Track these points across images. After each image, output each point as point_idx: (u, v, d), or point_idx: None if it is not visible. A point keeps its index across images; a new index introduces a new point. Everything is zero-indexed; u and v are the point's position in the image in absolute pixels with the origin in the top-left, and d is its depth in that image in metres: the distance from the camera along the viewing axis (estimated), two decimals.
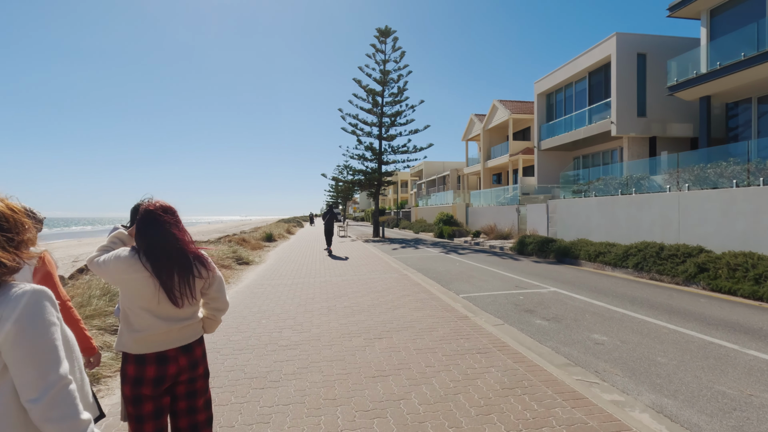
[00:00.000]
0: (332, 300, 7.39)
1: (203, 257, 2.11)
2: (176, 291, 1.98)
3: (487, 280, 9.84)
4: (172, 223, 2.03)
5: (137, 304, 1.97)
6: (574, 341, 5.16)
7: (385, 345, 4.82)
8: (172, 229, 2.03)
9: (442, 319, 5.93)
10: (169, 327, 2.00)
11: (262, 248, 18.78)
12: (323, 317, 6.19)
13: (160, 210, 2.04)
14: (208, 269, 2.10)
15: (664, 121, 18.44)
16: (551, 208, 17.82)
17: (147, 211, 2.03)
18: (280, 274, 10.79)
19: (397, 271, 10.96)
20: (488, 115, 32.39)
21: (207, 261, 2.13)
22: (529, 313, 6.57)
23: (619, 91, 18.17)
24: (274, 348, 4.82)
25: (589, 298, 7.64)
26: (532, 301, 7.42)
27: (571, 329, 5.67)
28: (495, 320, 6.10)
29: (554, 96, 24.10)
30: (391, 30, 27.00)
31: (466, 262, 13.21)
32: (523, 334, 5.46)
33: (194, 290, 2.04)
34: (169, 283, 1.97)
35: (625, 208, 13.43)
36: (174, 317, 2.03)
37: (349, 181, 31.03)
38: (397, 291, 8.11)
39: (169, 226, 2.02)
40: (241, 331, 5.55)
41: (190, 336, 2.11)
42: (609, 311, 6.61)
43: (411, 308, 6.65)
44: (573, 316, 6.36)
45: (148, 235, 2.00)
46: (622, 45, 18.26)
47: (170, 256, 1.98)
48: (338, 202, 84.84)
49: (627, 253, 10.81)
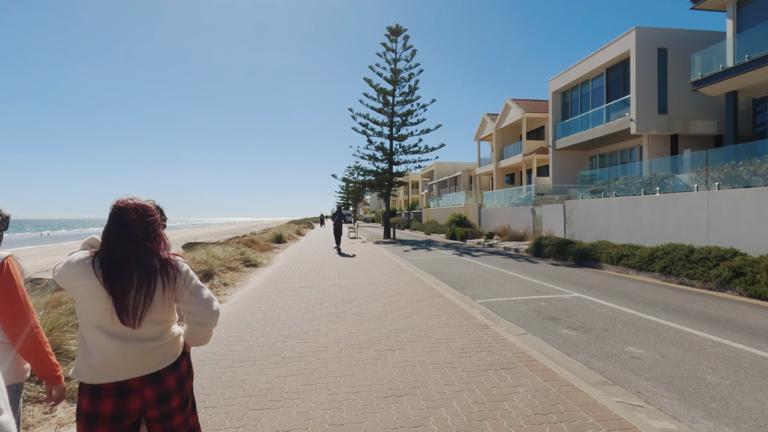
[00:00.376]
0: (341, 305, 6.97)
1: (172, 262, 1.76)
2: (129, 305, 1.63)
3: (504, 284, 9.33)
4: (144, 225, 1.72)
5: (87, 318, 1.65)
6: (607, 354, 4.66)
7: (399, 358, 4.37)
8: (141, 232, 1.71)
9: (460, 328, 5.46)
10: (124, 349, 1.64)
11: (271, 250, 18.46)
12: (331, 325, 5.77)
13: (132, 209, 1.72)
14: (176, 275, 1.74)
15: (687, 119, 17.70)
16: (568, 208, 17.21)
17: (117, 209, 1.72)
18: (288, 277, 10.41)
19: (410, 274, 10.50)
20: (501, 115, 31.77)
21: (176, 266, 1.77)
22: (553, 322, 6.07)
23: (639, 87, 17.50)
24: (277, 360, 4.41)
25: (617, 304, 7.11)
26: (556, 308, 6.91)
27: (602, 340, 5.16)
28: (517, 329, 5.61)
29: (569, 94, 23.44)
30: (401, 28, 26.59)
31: (481, 265, 12.70)
32: (550, 345, 4.97)
33: (154, 305, 1.69)
34: (122, 294, 1.63)
35: (648, 209, 12.80)
36: (133, 337, 1.67)
37: (360, 182, 30.66)
38: (409, 296, 7.66)
39: (139, 228, 1.70)
40: (243, 340, 5.15)
41: (158, 362, 1.73)
42: (641, 320, 6.08)
43: (425, 315, 6.20)
44: (602, 325, 5.84)
45: (110, 237, 1.69)
46: (641, 39, 17.59)
47: (128, 263, 1.66)
48: (349, 203, 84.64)
49: (653, 256, 10.21)
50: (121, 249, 1.66)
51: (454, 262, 13.54)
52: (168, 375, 1.75)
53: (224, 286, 9.17)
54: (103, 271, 1.62)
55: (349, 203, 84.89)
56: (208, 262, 10.11)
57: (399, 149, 28.18)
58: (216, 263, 10.41)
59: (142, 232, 1.70)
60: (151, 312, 1.68)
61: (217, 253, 11.56)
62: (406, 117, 27.37)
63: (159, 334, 1.73)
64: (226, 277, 9.89)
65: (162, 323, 1.74)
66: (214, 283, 9.16)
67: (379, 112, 27.65)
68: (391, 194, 30.45)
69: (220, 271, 10.29)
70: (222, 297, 8.05)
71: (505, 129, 32.48)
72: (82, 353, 1.65)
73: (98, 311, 1.63)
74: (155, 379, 1.71)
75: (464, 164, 47.79)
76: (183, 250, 14.05)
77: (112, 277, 1.62)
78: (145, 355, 1.69)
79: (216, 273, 9.91)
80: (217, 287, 8.98)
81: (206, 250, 11.72)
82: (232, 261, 11.72)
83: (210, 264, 10.09)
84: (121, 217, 1.68)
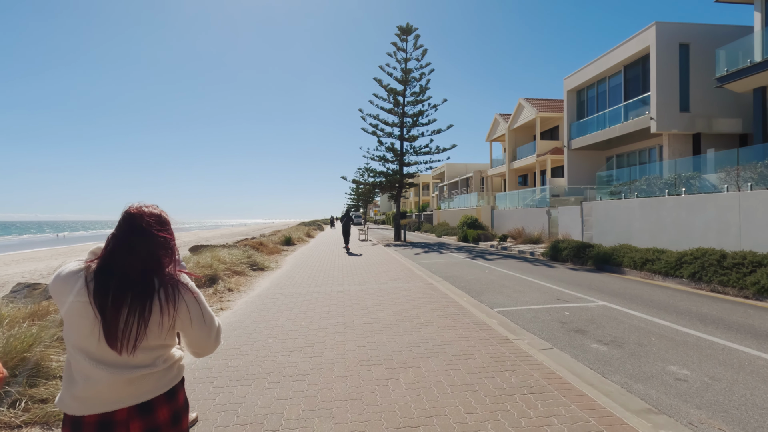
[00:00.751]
0: (350, 314, 6.54)
1: (179, 283, 1.52)
2: (118, 328, 1.40)
3: (522, 290, 8.82)
4: (154, 237, 1.49)
5: (72, 341, 1.43)
6: (647, 375, 4.16)
7: (412, 378, 3.92)
8: (151, 244, 1.48)
9: (479, 342, 4.99)
10: (113, 378, 1.42)
11: (279, 252, 18.13)
12: (338, 336, 5.34)
13: (146, 217, 1.50)
14: (178, 298, 1.49)
15: (710, 117, 16.98)
16: (586, 210, 16.59)
17: (128, 216, 1.50)
18: (296, 281, 10.02)
19: (422, 279, 10.04)
20: (513, 115, 31.14)
21: (180, 287, 1.51)
22: (580, 335, 5.57)
23: (660, 84, 16.83)
24: (278, 378, 3.98)
25: (647, 314, 6.56)
26: (581, 319, 6.39)
27: (638, 358, 4.65)
28: (541, 343, 5.13)
29: (585, 92, 22.79)
30: (412, 27, 26.17)
31: (495, 269, 12.18)
32: (580, 363, 4.47)
33: (150, 330, 1.45)
34: (111, 314, 1.40)
35: (672, 211, 12.17)
36: (121, 364, 1.44)
37: (370, 184, 30.29)
38: (422, 304, 7.20)
39: (149, 241, 1.48)
40: (243, 354, 4.75)
41: (150, 389, 1.49)
42: (678, 333, 5.54)
43: (440, 326, 5.73)
44: (636, 339, 5.32)
45: (113, 244, 1.47)
46: (662, 35, 16.92)
47: (126, 279, 1.44)
48: (359, 205, 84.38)
49: (680, 261, 9.61)
50: (121, 260, 1.44)
51: (467, 266, 13.03)
52: (160, 406, 1.50)
53: (228, 292, 8.80)
54: (95, 284, 1.40)
55: (359, 205, 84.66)
56: (213, 267, 9.76)
57: (409, 150, 27.75)
58: (221, 267, 10.05)
59: (152, 245, 1.48)
60: (147, 338, 1.45)
61: (223, 256, 11.21)
62: (416, 117, 26.93)
63: (152, 360, 1.49)
64: (231, 282, 9.53)
65: (157, 349, 1.50)
66: (218, 288, 8.80)
67: (390, 113, 27.26)
68: (401, 196, 30.01)
69: (225, 276, 9.94)
70: (225, 303, 7.67)
71: (517, 129, 31.85)
72: (67, 381, 1.44)
73: (83, 332, 1.40)
74: (145, 410, 1.47)
75: (476, 165, 47.14)
76: (190, 253, 13.76)
77: (103, 291, 1.40)
78: (135, 383, 1.46)
79: (221, 278, 9.56)
80: (221, 293, 8.61)
81: (212, 253, 11.39)
82: (239, 265, 11.37)
83: (215, 268, 9.74)
84: (131, 225, 1.47)
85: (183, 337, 1.58)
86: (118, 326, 1.39)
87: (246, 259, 12.29)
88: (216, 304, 7.57)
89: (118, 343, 1.40)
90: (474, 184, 40.37)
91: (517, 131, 32.14)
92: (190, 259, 10.42)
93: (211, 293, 8.47)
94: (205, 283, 9.10)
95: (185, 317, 1.50)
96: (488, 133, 36.48)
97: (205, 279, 9.16)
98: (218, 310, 7.11)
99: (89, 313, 1.39)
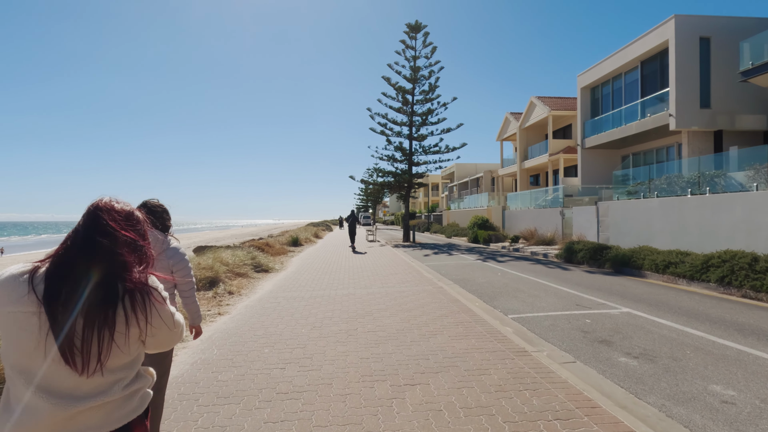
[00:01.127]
0: (353, 320, 6.11)
1: (149, 289, 1.30)
2: (74, 344, 1.17)
3: (537, 295, 8.32)
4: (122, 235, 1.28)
5: (11, 360, 1.18)
6: (687, 396, 3.66)
7: (420, 398, 3.48)
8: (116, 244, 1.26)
9: (494, 355, 4.53)
10: (53, 411, 1.16)
11: (285, 253, 17.79)
12: (340, 346, 4.91)
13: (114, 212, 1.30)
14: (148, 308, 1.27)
15: (732, 113, 16.25)
16: (602, 210, 15.98)
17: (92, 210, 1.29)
18: (299, 284, 9.62)
19: (431, 282, 9.58)
20: (525, 113, 30.51)
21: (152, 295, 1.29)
22: (605, 346, 5.07)
23: (679, 80, 16.15)
24: (270, 396, 3.57)
25: (677, 323, 6.03)
26: (604, 327, 5.89)
27: (674, 374, 4.15)
28: (562, 355, 4.65)
29: (600, 89, 22.11)
30: (421, 25, 25.72)
31: (508, 272, 11.67)
32: (609, 381, 3.99)
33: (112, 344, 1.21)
34: (66, 325, 1.16)
35: (696, 211, 11.56)
36: (68, 393, 1.18)
37: (379, 184, 29.91)
38: (431, 310, 6.75)
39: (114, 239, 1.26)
40: (236, 365, 4.34)
41: (95, 425, 1.21)
42: (716, 346, 5.01)
43: (451, 336, 5.27)
44: (668, 352, 4.81)
45: (70, 243, 1.25)
46: (682, 28, 16.25)
47: (83, 283, 1.19)
48: (368, 205, 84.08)
49: (707, 264, 9.02)
50: (78, 261, 1.21)
51: (478, 269, 12.54)
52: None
53: (229, 295, 8.43)
54: (45, 290, 1.17)
55: (368, 205, 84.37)
56: (214, 268, 9.40)
57: (419, 149, 27.31)
58: (222, 269, 9.69)
59: (117, 244, 1.26)
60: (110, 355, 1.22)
61: (226, 257, 10.85)
62: (426, 116, 26.47)
63: (109, 386, 1.23)
64: (233, 285, 9.16)
65: (118, 371, 1.25)
66: (218, 291, 8.43)
67: (398, 112, 26.84)
68: (410, 196, 29.56)
69: (227, 278, 9.58)
70: (224, 308, 7.29)
71: (529, 128, 31.20)
72: (3, 409, 1.19)
73: (26, 349, 1.15)
74: None
75: (486, 165, 46.47)
76: (193, 254, 13.45)
77: (53, 298, 1.16)
78: (82, 416, 1.19)
79: (222, 280, 9.20)
80: (221, 296, 8.24)
81: (214, 254, 11.04)
82: (242, 266, 11.01)
83: (216, 270, 9.37)
84: (94, 221, 1.26)
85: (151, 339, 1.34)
86: (73, 341, 1.16)
87: (250, 261, 11.93)
88: (214, 309, 7.20)
89: (78, 361, 1.16)
90: (484, 185, 39.75)
91: (528, 130, 31.49)
92: (193, 260, 10.07)
93: (211, 296, 8.11)
94: (206, 285, 8.75)
95: (156, 326, 1.29)
96: (499, 132, 35.86)
97: (205, 282, 8.81)
98: (216, 315, 6.73)
99: (33, 325, 1.15)
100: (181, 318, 1.42)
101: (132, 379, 1.29)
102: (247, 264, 11.57)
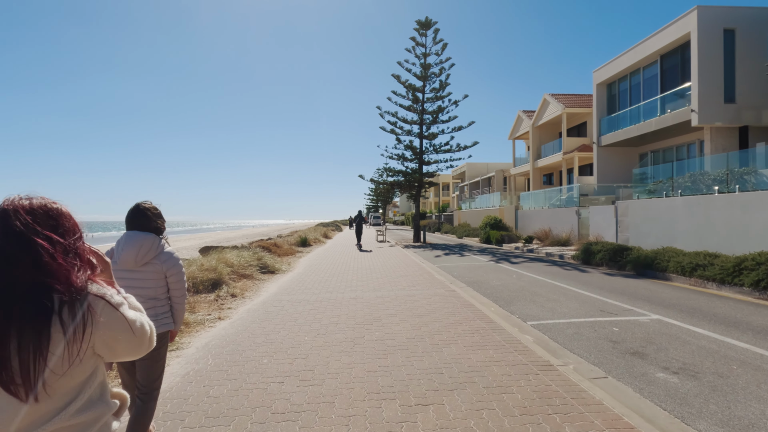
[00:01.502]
0: (360, 327, 5.69)
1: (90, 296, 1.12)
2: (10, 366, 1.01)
3: (557, 299, 7.82)
4: (43, 238, 1.08)
5: None
6: (744, 423, 3.16)
7: (433, 422, 3.04)
8: (35, 250, 1.06)
9: (515, 369, 4.07)
10: None
11: (294, 254, 17.45)
12: (344, 357, 4.49)
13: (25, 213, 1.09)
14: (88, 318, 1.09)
15: (759, 108, 15.50)
16: (621, 210, 15.35)
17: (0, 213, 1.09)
18: (306, 287, 9.23)
19: (443, 285, 9.12)
20: (538, 111, 29.83)
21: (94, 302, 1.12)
22: (639, 359, 4.57)
23: (702, 74, 15.44)
24: (264, 417, 3.16)
25: (716, 333, 5.50)
26: (635, 337, 5.38)
27: (723, 394, 3.65)
28: (591, 369, 4.17)
29: (617, 85, 21.41)
30: (432, 21, 25.24)
31: (524, 274, 11.15)
32: (649, 401, 3.50)
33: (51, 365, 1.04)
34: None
35: (724, 210, 10.93)
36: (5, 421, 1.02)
37: (389, 183, 29.51)
38: (444, 315, 6.30)
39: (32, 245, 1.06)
40: (230, 378, 3.95)
41: None
42: (765, 360, 4.49)
43: (466, 345, 4.82)
44: (711, 366, 4.30)
45: None
46: (704, 20, 15.54)
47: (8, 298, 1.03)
48: (378, 205, 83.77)
49: (739, 267, 8.42)
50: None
51: (492, 270, 12.04)
52: None
53: (231, 298, 8.07)
54: None
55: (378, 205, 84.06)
56: (217, 270, 9.05)
57: (429, 148, 26.83)
58: (226, 271, 9.34)
59: (37, 250, 1.07)
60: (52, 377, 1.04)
61: (231, 259, 10.51)
62: (436, 114, 26.00)
63: (54, 411, 1.06)
64: (236, 287, 8.81)
65: (65, 395, 1.09)
66: (220, 294, 8.07)
67: (408, 110, 26.41)
68: (421, 196, 29.08)
69: (231, 280, 9.23)
70: (225, 312, 6.93)
71: (542, 126, 30.50)
72: None
73: None
74: None
75: (497, 164, 45.75)
76: (199, 255, 13.17)
77: None
78: None
79: (225, 282, 8.84)
80: (223, 299, 7.89)
81: (218, 255, 10.71)
82: (247, 267, 10.66)
83: (219, 271, 9.02)
84: (4, 226, 1.07)
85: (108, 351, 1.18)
86: (9, 364, 1.01)
87: (256, 262, 11.59)
88: (215, 312, 6.83)
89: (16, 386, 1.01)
90: (496, 184, 39.08)
91: (541, 128, 30.79)
92: (195, 262, 9.74)
93: (212, 299, 7.76)
94: (208, 287, 8.40)
95: (107, 337, 1.14)
96: (511, 130, 35.19)
97: (207, 284, 8.47)
98: (215, 320, 6.36)
99: None
100: (146, 322, 1.26)
101: (86, 403, 1.12)
102: (253, 265, 11.23)
